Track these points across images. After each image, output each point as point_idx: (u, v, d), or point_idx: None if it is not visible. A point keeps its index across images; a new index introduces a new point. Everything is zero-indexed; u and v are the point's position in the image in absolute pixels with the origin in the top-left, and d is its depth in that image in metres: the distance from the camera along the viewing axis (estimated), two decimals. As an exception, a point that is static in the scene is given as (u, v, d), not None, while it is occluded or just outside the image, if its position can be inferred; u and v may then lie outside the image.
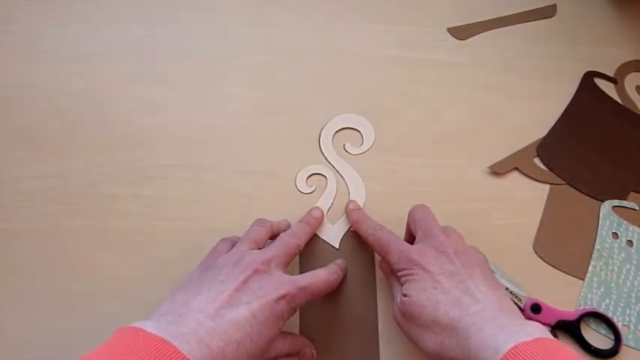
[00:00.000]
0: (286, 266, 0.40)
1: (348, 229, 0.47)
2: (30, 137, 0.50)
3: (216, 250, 0.41)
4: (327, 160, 0.50)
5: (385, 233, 0.41)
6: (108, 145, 0.50)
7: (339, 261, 0.44)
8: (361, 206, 0.48)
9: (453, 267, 0.36)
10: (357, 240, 0.46)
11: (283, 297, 0.36)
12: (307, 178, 0.49)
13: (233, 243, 0.41)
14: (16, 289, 0.44)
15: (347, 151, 0.50)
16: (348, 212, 0.46)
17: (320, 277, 0.39)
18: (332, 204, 0.48)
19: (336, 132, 0.51)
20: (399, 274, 0.38)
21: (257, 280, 0.36)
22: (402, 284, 0.37)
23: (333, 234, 0.47)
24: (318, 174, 0.49)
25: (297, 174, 0.49)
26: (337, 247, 0.46)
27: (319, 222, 0.46)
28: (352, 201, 0.47)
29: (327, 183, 0.49)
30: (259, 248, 0.40)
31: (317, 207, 0.47)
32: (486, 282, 0.36)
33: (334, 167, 0.50)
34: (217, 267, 0.38)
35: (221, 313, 0.34)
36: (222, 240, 0.42)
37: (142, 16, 0.57)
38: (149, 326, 0.31)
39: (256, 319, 0.35)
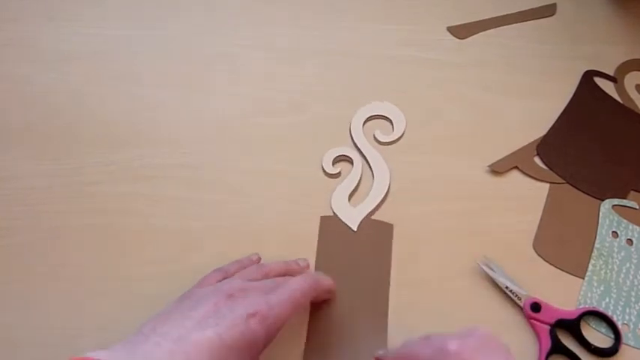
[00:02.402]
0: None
1: (368, 214, 0.47)
2: (29, 136, 0.50)
3: (205, 280, 0.39)
4: (356, 146, 0.50)
5: None
6: (107, 144, 0.50)
7: (319, 273, 0.41)
8: (384, 193, 0.48)
9: None
10: (377, 226, 0.46)
11: (253, 315, 0.33)
12: (333, 162, 0.49)
13: (225, 273, 0.40)
14: (15, 289, 0.44)
15: (378, 140, 0.51)
16: None
17: (292, 286, 0.36)
18: (356, 187, 0.48)
19: (366, 120, 0.52)
20: None
21: (230, 304, 0.34)
22: None
23: (352, 217, 0.47)
24: (344, 156, 0.50)
25: (324, 155, 0.49)
26: (355, 229, 0.46)
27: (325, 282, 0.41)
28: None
29: (352, 167, 0.49)
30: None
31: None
32: None
33: (360, 150, 0.50)
34: (195, 295, 0.36)
35: (185, 336, 0.31)
36: (215, 270, 0.40)
37: (142, 15, 0.57)
38: (103, 355, 0.30)
39: (223, 342, 0.32)
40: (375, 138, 0.51)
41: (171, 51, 0.55)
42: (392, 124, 0.52)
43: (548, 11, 0.60)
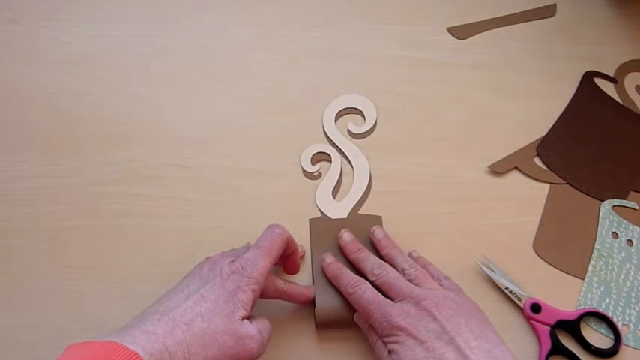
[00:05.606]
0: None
1: (354, 207, 0.47)
2: (30, 137, 0.50)
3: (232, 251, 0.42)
4: (331, 141, 0.51)
5: (364, 293, 0.39)
6: (108, 145, 0.50)
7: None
8: (365, 186, 0.48)
9: (438, 325, 0.36)
10: (365, 220, 0.46)
11: (230, 263, 0.37)
12: (312, 161, 0.50)
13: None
14: (15, 289, 0.44)
15: (351, 132, 0.51)
16: (324, 266, 0.43)
17: (261, 241, 0.40)
18: (337, 183, 0.48)
19: (339, 114, 0.52)
20: (385, 339, 0.38)
21: (211, 265, 0.38)
22: (389, 351, 0.37)
23: (339, 212, 0.47)
24: (323, 153, 0.50)
25: (301, 153, 0.50)
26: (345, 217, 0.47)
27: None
28: (328, 254, 0.44)
29: (331, 164, 0.49)
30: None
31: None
32: (473, 332, 0.36)
33: (338, 147, 0.50)
34: (204, 272, 0.38)
35: (172, 307, 0.34)
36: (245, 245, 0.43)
37: (142, 16, 0.57)
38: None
39: (205, 298, 0.35)
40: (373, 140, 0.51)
41: (172, 51, 0.55)
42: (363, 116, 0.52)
43: (548, 12, 0.60)
